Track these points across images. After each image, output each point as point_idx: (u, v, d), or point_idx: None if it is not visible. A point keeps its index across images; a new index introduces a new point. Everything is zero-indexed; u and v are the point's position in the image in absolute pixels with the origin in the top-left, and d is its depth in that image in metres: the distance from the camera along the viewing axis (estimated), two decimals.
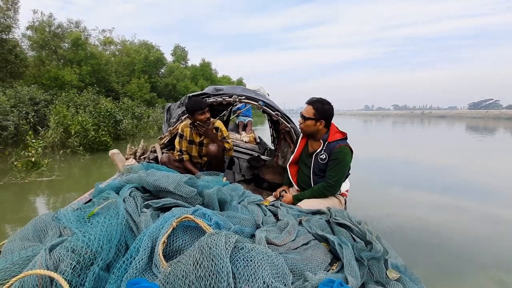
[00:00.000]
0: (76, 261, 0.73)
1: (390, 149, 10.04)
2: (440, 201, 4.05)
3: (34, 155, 5.02)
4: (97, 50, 16.14)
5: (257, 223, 1.28)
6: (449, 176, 5.71)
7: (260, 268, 0.63)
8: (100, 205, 1.12)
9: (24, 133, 6.67)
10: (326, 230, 1.28)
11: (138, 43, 20.29)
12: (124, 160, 2.33)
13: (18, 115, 6.95)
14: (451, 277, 2.22)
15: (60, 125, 7.17)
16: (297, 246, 1.08)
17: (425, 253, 2.53)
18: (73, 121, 7.30)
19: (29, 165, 4.91)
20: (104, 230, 0.85)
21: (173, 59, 23.26)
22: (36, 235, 1.04)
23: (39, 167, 4.93)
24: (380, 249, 1.07)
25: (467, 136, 15.58)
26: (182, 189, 1.31)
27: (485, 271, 2.29)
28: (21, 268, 0.81)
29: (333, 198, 1.90)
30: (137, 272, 0.76)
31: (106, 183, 1.53)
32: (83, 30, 16.49)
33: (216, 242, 0.67)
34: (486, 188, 4.82)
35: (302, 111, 1.93)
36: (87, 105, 9.86)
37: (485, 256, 2.53)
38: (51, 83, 11.18)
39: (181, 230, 0.95)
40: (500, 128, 21.86)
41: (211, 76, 24.61)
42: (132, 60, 17.55)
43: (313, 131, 1.88)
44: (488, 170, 6.35)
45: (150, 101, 15.78)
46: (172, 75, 19.73)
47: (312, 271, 0.89)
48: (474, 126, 24.38)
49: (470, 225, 3.26)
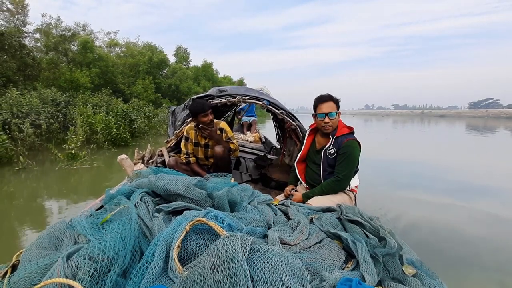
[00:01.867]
0: (93, 268, 0.74)
1: (389, 148, 10.04)
2: (441, 200, 4.01)
3: (74, 148, 6.05)
4: (104, 53, 16.75)
5: (269, 223, 1.28)
6: (446, 175, 5.70)
7: (278, 269, 0.63)
8: (113, 212, 1.13)
9: (54, 131, 7.87)
10: (338, 227, 1.27)
11: (142, 44, 20.83)
12: (133, 165, 2.35)
13: (46, 115, 7.90)
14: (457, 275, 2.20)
15: (85, 124, 8.10)
16: (311, 245, 1.08)
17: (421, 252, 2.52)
18: (96, 120, 8.24)
19: (70, 156, 5.91)
20: (119, 236, 0.86)
21: (175, 60, 23.67)
22: (52, 243, 1.06)
23: (78, 158, 5.96)
24: (394, 245, 1.05)
25: (466, 135, 15.58)
26: (192, 192, 1.31)
27: (490, 273, 2.26)
28: (40, 276, 0.83)
29: (343, 195, 1.89)
30: (153, 277, 0.76)
31: (116, 188, 1.54)
32: (90, 32, 17.06)
33: (232, 245, 0.66)
34: (482, 186, 4.81)
35: (323, 110, 1.81)
36: (101, 105, 10.61)
37: (489, 257, 2.49)
38: (67, 85, 12.10)
39: (194, 233, 0.95)
40: (500, 127, 21.72)
41: (213, 76, 24.98)
42: (137, 62, 18.03)
43: (336, 125, 1.86)
44: (487, 168, 6.36)
45: (155, 102, 16.28)
46: (175, 76, 20.18)
47: (328, 270, 0.88)
48: (474, 126, 24.28)
49: (468, 225, 3.20)
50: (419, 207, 3.70)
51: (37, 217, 3.40)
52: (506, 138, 13.76)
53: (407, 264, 1.04)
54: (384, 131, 18.17)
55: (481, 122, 33.23)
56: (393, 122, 32.37)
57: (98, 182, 5.00)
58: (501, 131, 18.09)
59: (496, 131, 17.69)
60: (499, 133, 16.32)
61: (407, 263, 1.05)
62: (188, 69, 23.23)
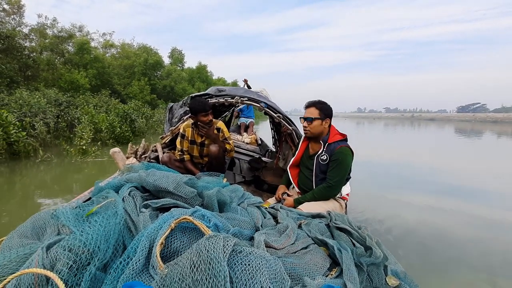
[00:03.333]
0: (72, 260, 0.72)
1: (378, 150, 10.28)
2: (426, 201, 4.10)
3: (85, 144, 6.74)
4: (100, 54, 17.03)
5: (257, 225, 1.27)
6: (432, 177, 5.88)
7: (258, 272, 0.63)
8: (99, 204, 1.12)
9: (61, 129, 8.58)
10: (326, 234, 1.27)
11: (137, 46, 21.19)
12: (125, 159, 2.33)
13: (52, 114, 8.54)
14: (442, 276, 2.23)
15: (90, 122, 8.73)
16: (296, 250, 1.07)
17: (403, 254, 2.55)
18: (99, 120, 8.94)
19: (81, 151, 6.58)
20: (102, 229, 0.85)
21: (170, 62, 24.02)
22: (35, 232, 1.04)
23: (88, 153, 6.62)
24: (380, 255, 1.05)
25: (455, 139, 16.11)
26: (182, 190, 1.30)
27: (477, 273, 2.32)
28: (18, 265, 0.81)
29: (334, 202, 1.89)
30: (133, 273, 0.75)
31: (106, 181, 1.53)
32: (86, 33, 17.33)
33: (214, 245, 0.66)
34: (469, 188, 5.00)
35: (303, 115, 1.92)
36: (101, 106, 11.26)
37: (476, 258, 2.55)
38: (68, 86, 12.52)
39: (180, 231, 0.94)
40: (487, 131, 22.73)
41: (207, 78, 25.40)
42: (132, 63, 18.31)
43: (320, 132, 1.88)
44: (474, 172, 6.58)
45: (151, 102, 16.58)
46: (170, 77, 20.51)
47: (310, 276, 0.88)
48: (462, 129, 25.31)
49: (455, 226, 3.27)
50: (403, 208, 3.79)
51: (64, 195, 4.12)
52: (492, 142, 14.34)
53: (391, 275, 1.04)
54: (373, 135, 18.50)
55: (468, 125, 34.69)
56: (384, 125, 33.16)
57: (108, 172, 5.45)
58: (488, 135, 18.95)
59: (482, 135, 18.54)
60: (486, 137, 17.13)
61: (391, 274, 1.05)
62: (183, 70, 23.66)
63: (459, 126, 33.11)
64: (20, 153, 6.19)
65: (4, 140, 5.82)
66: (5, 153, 5.88)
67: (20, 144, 6.09)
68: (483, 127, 29.21)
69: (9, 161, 5.93)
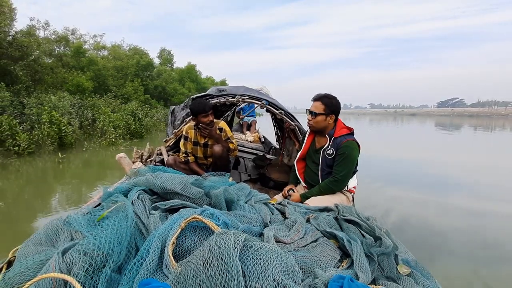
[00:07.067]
0: (88, 263, 0.74)
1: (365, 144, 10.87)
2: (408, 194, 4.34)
3: (114, 137, 9.30)
4: (94, 56, 17.55)
5: (265, 221, 1.28)
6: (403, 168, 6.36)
7: (270, 266, 0.64)
8: (109, 209, 1.14)
9: (85, 126, 10.39)
10: (335, 227, 1.28)
11: (127, 47, 21.78)
12: (131, 163, 2.36)
13: (75, 115, 10.23)
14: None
15: (108, 121, 10.38)
16: (306, 243, 1.08)
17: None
18: (115, 118, 10.66)
19: (110, 143, 9.05)
20: (114, 232, 0.86)
21: (159, 62, 24.25)
22: (49, 239, 1.06)
23: (115, 144, 9.00)
24: (389, 245, 1.05)
25: (435, 133, 16.93)
26: (189, 190, 1.32)
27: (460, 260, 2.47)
28: (36, 272, 0.83)
29: (340, 195, 1.89)
30: (148, 273, 0.77)
31: (114, 186, 1.55)
32: (79, 37, 17.76)
33: (225, 241, 0.67)
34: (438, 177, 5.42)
35: (309, 108, 1.91)
36: (107, 106, 12.35)
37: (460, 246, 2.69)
38: (74, 89, 13.37)
39: (190, 231, 0.96)
40: (464, 125, 24.18)
41: (197, 78, 25.73)
42: (125, 65, 18.77)
43: (323, 127, 1.87)
44: (443, 162, 7.05)
45: (145, 102, 17.21)
46: (160, 77, 20.99)
47: (321, 268, 0.88)
48: (441, 123, 26.46)
49: (440, 217, 3.41)
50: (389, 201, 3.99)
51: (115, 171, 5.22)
52: (469, 135, 15.17)
53: (402, 264, 1.05)
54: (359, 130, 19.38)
55: (447, 120, 36.42)
56: (370, 121, 34.09)
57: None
58: (465, 128, 20.39)
59: (461, 129, 19.68)
60: (464, 130, 18.35)
61: (402, 263, 1.06)
62: (173, 70, 24.02)
63: (439, 120, 34.74)
64: (66, 144, 8.19)
65: (57, 134, 7.89)
66: (56, 145, 7.89)
67: (68, 137, 8.21)
68: (461, 121, 31.14)
69: (59, 150, 7.61)
